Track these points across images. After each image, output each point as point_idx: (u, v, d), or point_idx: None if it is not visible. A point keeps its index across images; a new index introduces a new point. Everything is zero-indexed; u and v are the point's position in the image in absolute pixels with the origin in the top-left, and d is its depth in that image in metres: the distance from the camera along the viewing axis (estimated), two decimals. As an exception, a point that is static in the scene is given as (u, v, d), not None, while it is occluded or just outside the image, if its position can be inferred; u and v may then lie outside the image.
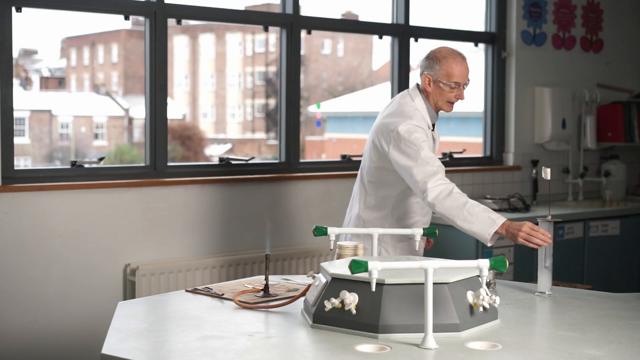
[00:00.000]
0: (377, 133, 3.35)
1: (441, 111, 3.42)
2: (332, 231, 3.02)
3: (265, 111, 17.24)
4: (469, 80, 3.34)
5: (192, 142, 15.52)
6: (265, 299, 2.70)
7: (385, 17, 5.31)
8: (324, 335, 2.27)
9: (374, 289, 2.20)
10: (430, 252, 4.17)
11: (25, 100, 14.82)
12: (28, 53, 15.93)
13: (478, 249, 4.90)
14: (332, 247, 3.03)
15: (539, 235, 2.88)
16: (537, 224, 2.89)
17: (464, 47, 6.35)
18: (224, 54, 17.16)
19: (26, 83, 15.41)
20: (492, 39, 5.75)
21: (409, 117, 3.28)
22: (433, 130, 3.41)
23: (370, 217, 3.44)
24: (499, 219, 2.98)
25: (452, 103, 3.36)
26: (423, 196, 3.09)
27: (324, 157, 13.49)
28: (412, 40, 5.32)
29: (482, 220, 2.98)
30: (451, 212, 3.03)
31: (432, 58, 3.32)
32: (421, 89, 3.38)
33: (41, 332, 3.97)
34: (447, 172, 5.49)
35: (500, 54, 5.75)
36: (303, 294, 2.59)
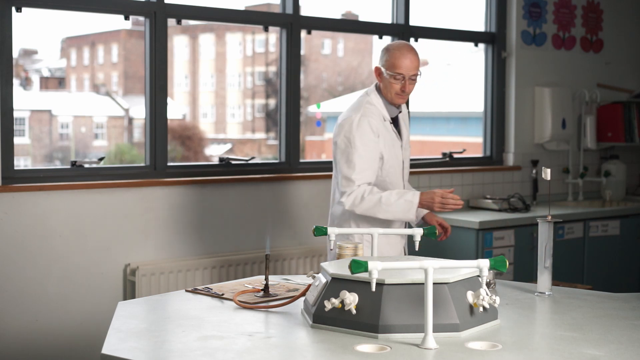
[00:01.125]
0: (334, 129, 3.55)
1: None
2: (332, 231, 3.02)
3: (265, 111, 17.24)
4: (417, 73, 3.44)
5: (192, 142, 15.52)
6: (265, 299, 2.70)
7: (385, 17, 5.31)
8: (324, 335, 2.27)
9: (374, 289, 2.20)
10: (430, 252, 4.17)
11: (25, 100, 14.83)
12: (28, 53, 15.94)
13: (478, 249, 4.90)
14: (332, 247, 3.03)
15: (450, 201, 3.26)
16: (537, 224, 2.90)
17: (464, 47, 6.36)
18: (224, 54, 17.17)
19: (26, 83, 15.41)
20: (492, 39, 5.75)
21: (358, 110, 3.43)
22: (394, 123, 3.54)
23: (338, 212, 3.55)
24: (414, 198, 3.32)
25: (401, 95, 3.46)
26: (341, 203, 3.38)
27: (324, 157, 13.49)
28: (412, 40, 5.32)
29: (400, 206, 3.32)
30: (371, 212, 3.35)
31: (383, 50, 3.48)
32: (378, 85, 3.52)
33: (41, 332, 3.97)
34: (447, 172, 5.53)
35: (500, 54, 5.75)
36: (303, 294, 2.59)
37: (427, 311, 2.16)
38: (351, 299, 2.27)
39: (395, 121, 3.56)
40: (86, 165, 4.19)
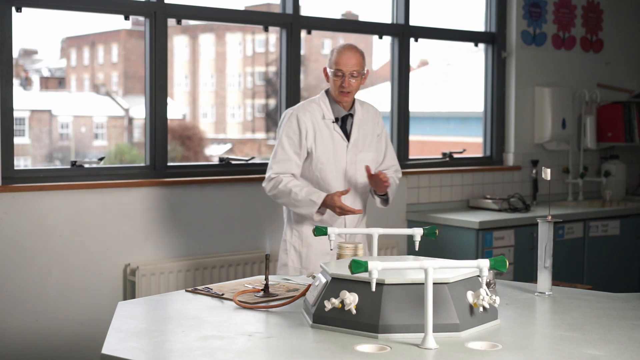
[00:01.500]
0: None
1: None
2: (332, 231, 3.02)
3: (265, 111, 17.23)
4: (358, 70, 3.52)
5: (192, 142, 15.52)
6: (265, 299, 2.70)
7: (385, 17, 5.31)
8: (324, 335, 2.27)
9: (374, 289, 2.20)
10: (431, 252, 4.17)
11: (25, 100, 14.82)
12: (28, 53, 15.93)
13: (478, 249, 4.90)
14: (332, 247, 3.03)
15: (347, 209, 3.44)
16: (537, 224, 2.90)
17: (464, 47, 6.36)
18: (224, 54, 17.17)
19: (26, 83, 15.41)
20: (492, 39, 5.75)
21: (297, 106, 3.63)
22: (338, 122, 3.60)
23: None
24: (319, 199, 3.47)
25: (344, 92, 3.54)
26: (263, 187, 3.62)
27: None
28: (412, 40, 5.32)
29: (304, 203, 3.49)
30: (282, 200, 3.57)
31: (331, 51, 3.60)
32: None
33: (41, 332, 3.97)
34: (447, 172, 5.52)
35: (500, 54, 5.75)
36: (303, 294, 2.59)
37: (427, 311, 2.16)
38: (351, 299, 2.27)
39: (344, 122, 3.62)
40: (86, 165, 4.19)
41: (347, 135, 3.62)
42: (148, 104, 4.33)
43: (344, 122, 3.63)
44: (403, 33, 5.28)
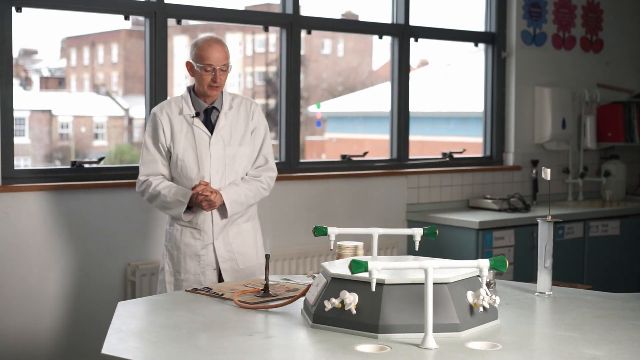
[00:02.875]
0: None
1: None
2: (332, 231, 3.02)
3: (265, 111, 17.23)
4: (227, 64, 3.45)
5: (192, 142, 15.48)
6: (265, 299, 2.70)
7: (385, 17, 5.31)
8: (324, 335, 2.27)
9: (374, 289, 2.20)
10: (431, 252, 4.17)
11: (25, 100, 14.81)
12: (28, 53, 15.92)
13: (478, 249, 4.90)
14: (332, 247, 3.03)
15: (205, 193, 3.32)
16: (537, 224, 2.90)
17: (464, 47, 6.36)
18: (224, 54, 17.13)
19: (26, 83, 15.40)
20: (492, 39, 5.75)
21: (159, 104, 3.55)
22: (200, 117, 3.48)
23: None
24: (185, 197, 3.37)
25: (213, 87, 3.44)
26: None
27: (324, 157, 13.50)
28: (412, 40, 5.32)
29: (174, 204, 3.40)
30: (155, 205, 3.49)
31: (192, 45, 3.50)
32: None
33: (41, 332, 3.97)
34: (447, 172, 5.52)
35: (500, 54, 5.75)
36: (303, 294, 2.59)
37: (427, 311, 2.16)
38: (351, 299, 2.27)
39: (207, 116, 3.48)
40: (86, 165, 4.19)
41: (212, 130, 3.47)
42: (148, 104, 4.33)
43: (208, 116, 3.48)
44: (403, 33, 5.28)
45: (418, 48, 5.39)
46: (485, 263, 2.25)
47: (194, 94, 3.50)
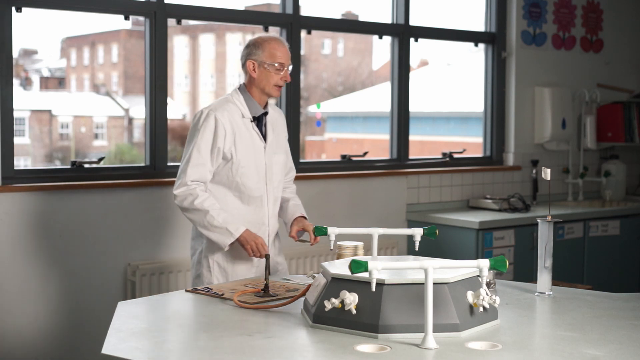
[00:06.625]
0: None
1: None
2: (332, 231, 3.02)
3: (265, 111, 17.20)
4: (291, 63, 3.37)
5: (192, 142, 15.47)
6: (265, 299, 2.70)
7: (385, 17, 5.31)
8: (324, 335, 2.27)
9: (374, 289, 2.20)
10: (431, 252, 4.17)
11: (25, 100, 14.80)
12: (28, 53, 15.91)
13: (478, 249, 4.90)
14: (332, 247, 3.03)
15: (260, 250, 3.19)
16: (537, 224, 2.90)
17: (464, 47, 6.36)
18: (224, 54, 17.15)
19: (26, 83, 15.39)
20: (492, 39, 5.75)
21: (214, 105, 3.32)
22: (256, 121, 3.35)
23: None
24: (236, 231, 3.19)
25: (279, 87, 3.35)
26: (175, 196, 3.25)
27: (324, 157, 13.49)
28: (412, 40, 5.32)
29: (221, 231, 3.19)
30: (192, 217, 3.23)
31: (253, 45, 3.35)
32: (245, 84, 3.38)
33: (41, 332, 3.97)
34: (447, 172, 5.52)
35: (500, 54, 5.75)
36: (303, 294, 2.59)
37: (427, 311, 2.16)
38: (351, 299, 2.27)
39: (259, 122, 3.37)
40: (86, 165, 4.19)
41: (264, 136, 3.37)
42: (148, 104, 4.33)
43: (259, 122, 3.37)
44: (403, 33, 5.28)
45: (418, 48, 5.39)
46: (485, 263, 2.25)
47: (248, 95, 3.36)
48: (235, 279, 3.26)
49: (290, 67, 3.37)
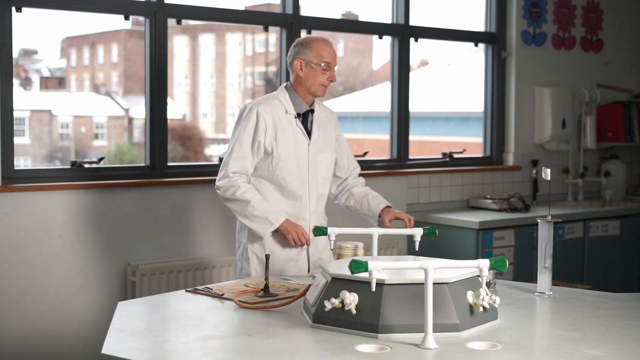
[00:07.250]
0: None
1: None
2: (332, 231, 3.02)
3: (265, 111, 17.18)
4: (337, 63, 3.40)
5: (192, 142, 15.50)
6: (265, 299, 2.70)
7: (385, 17, 5.31)
8: (324, 335, 2.27)
9: (374, 289, 2.20)
10: (431, 252, 4.17)
11: (25, 100, 14.80)
12: (28, 53, 15.91)
13: (478, 249, 4.90)
14: (332, 247, 3.03)
15: (302, 239, 3.27)
16: (537, 224, 2.90)
17: (464, 47, 6.36)
18: (224, 54, 17.15)
19: (26, 83, 15.39)
20: (492, 39, 5.75)
21: (258, 100, 3.38)
22: (300, 118, 3.38)
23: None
24: (277, 221, 3.27)
25: (325, 86, 3.38)
26: (218, 187, 3.32)
27: (324, 157, 13.44)
28: (412, 40, 5.32)
29: (261, 221, 3.27)
30: (233, 209, 3.30)
31: (301, 44, 3.39)
32: (291, 82, 3.42)
33: (41, 332, 3.97)
34: (447, 172, 5.52)
35: (500, 54, 5.75)
36: (303, 294, 2.59)
37: (427, 311, 2.16)
38: (351, 299, 2.27)
39: (304, 119, 3.41)
40: (86, 165, 4.19)
41: (308, 133, 3.40)
42: (148, 104, 4.33)
43: (305, 119, 3.41)
44: (403, 33, 5.28)
45: (418, 48, 5.39)
46: (485, 263, 2.25)
47: (294, 93, 3.39)
48: (274, 273, 3.30)
49: (337, 68, 3.39)
